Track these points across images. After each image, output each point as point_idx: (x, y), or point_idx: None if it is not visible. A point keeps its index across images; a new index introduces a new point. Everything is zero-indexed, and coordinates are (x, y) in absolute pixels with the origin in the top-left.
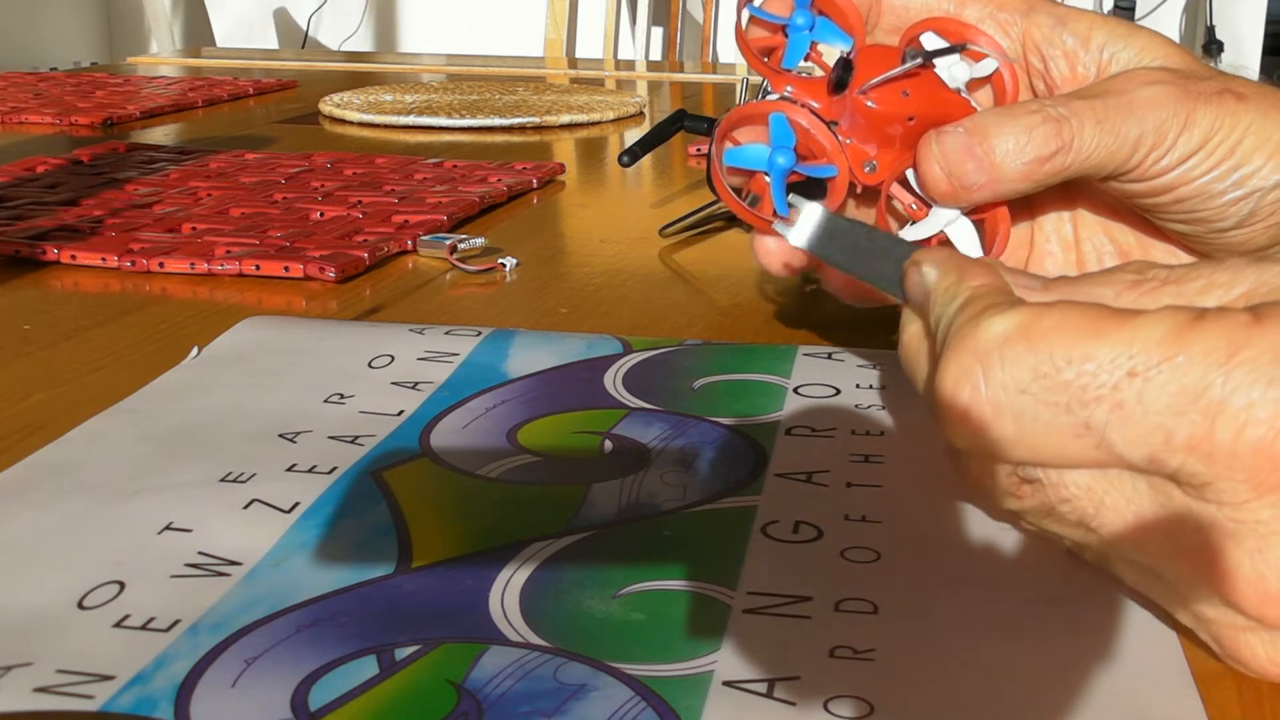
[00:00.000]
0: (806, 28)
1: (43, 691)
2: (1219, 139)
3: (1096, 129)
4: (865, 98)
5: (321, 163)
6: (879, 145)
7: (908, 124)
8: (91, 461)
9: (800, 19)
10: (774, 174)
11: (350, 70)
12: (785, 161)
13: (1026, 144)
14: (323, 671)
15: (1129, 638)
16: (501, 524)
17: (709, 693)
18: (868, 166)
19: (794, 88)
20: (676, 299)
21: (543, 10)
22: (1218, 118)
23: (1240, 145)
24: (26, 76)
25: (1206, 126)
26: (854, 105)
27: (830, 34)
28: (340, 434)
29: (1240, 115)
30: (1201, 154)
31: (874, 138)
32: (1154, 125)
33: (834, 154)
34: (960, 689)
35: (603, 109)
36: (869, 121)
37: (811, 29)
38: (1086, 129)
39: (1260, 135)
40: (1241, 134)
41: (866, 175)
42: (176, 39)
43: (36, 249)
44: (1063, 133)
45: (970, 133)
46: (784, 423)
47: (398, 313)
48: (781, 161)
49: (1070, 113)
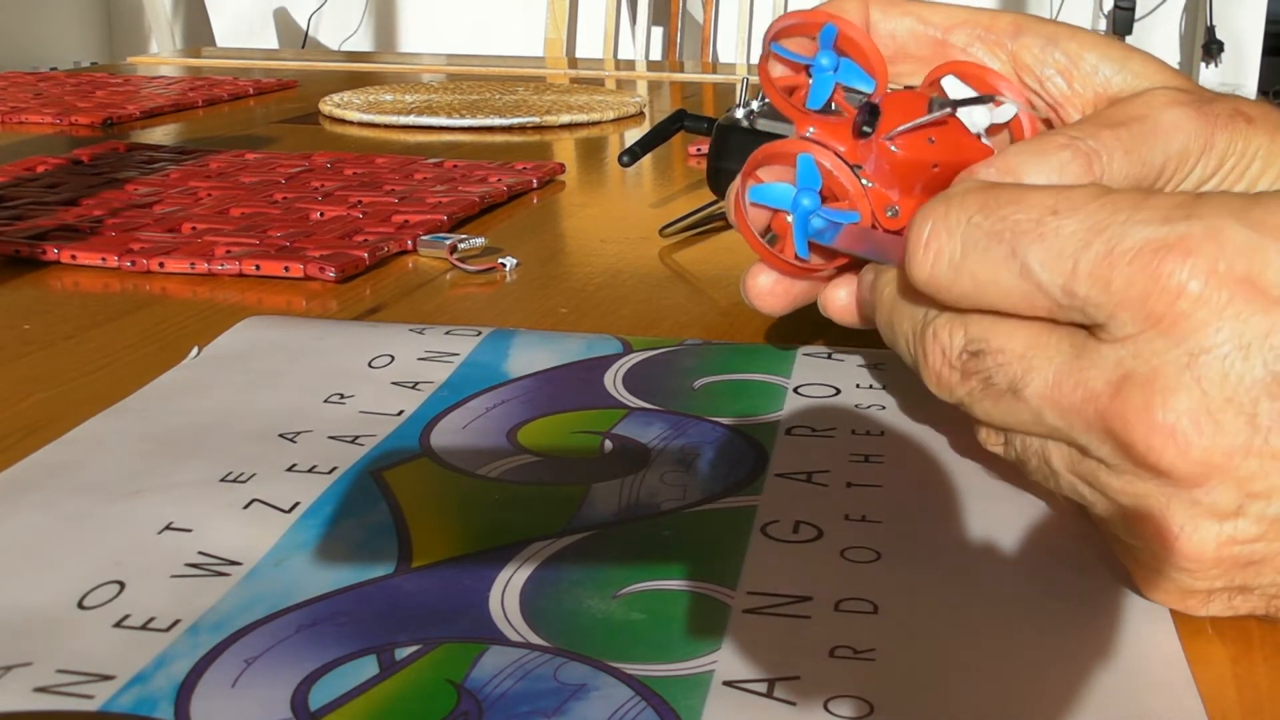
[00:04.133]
0: (831, 69)
1: (43, 691)
2: (1232, 163)
3: (1125, 159)
4: (891, 144)
5: (321, 163)
6: (901, 191)
7: (932, 171)
8: (91, 461)
9: (825, 60)
10: (797, 215)
11: (350, 70)
12: (810, 204)
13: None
14: (323, 671)
15: (1129, 637)
16: (501, 524)
17: (709, 693)
18: (890, 211)
19: (817, 129)
20: (676, 299)
21: (543, 10)
22: (1232, 141)
23: (1250, 170)
24: (26, 76)
25: (1222, 150)
26: (879, 151)
27: (854, 76)
28: (340, 434)
29: (1251, 138)
30: (1216, 179)
31: (897, 183)
32: (1178, 150)
33: (857, 198)
34: (960, 689)
35: (603, 109)
36: (893, 168)
37: (836, 70)
38: (1116, 161)
39: (1267, 159)
40: (1251, 158)
41: (889, 220)
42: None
43: (36, 249)
44: (1094, 168)
45: (1002, 174)
46: (784, 423)
47: (398, 313)
48: (806, 204)
49: (1100, 145)
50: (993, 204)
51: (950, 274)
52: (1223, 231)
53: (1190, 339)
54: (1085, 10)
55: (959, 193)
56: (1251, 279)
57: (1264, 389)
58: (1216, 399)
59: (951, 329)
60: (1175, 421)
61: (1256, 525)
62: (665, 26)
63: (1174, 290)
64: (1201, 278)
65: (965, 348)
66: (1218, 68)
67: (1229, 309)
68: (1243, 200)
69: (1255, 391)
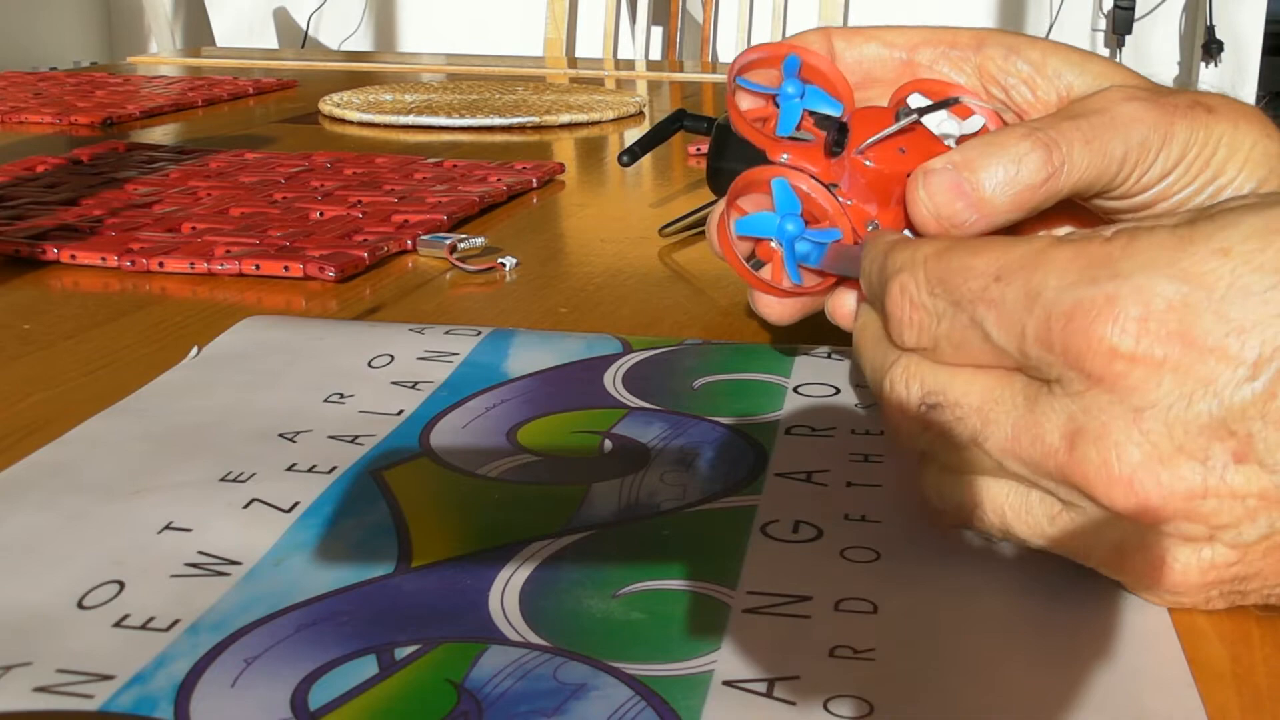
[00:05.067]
0: (797, 95)
1: (43, 691)
2: (1195, 153)
3: (1085, 149)
4: (863, 157)
5: (321, 162)
6: (879, 204)
7: (906, 180)
8: (91, 461)
9: (791, 88)
10: (784, 241)
11: (350, 70)
12: (794, 229)
13: (1017, 173)
14: (323, 671)
15: (1129, 637)
16: (501, 524)
17: (709, 692)
18: (870, 226)
19: (790, 154)
20: (676, 299)
21: (543, 10)
22: (1193, 131)
23: (1214, 158)
24: (26, 76)
25: (1183, 140)
26: (852, 166)
27: (821, 101)
28: (340, 433)
29: (1213, 127)
30: (1180, 168)
31: (874, 197)
32: (1138, 141)
33: (836, 217)
34: (960, 689)
35: (602, 109)
36: (868, 181)
37: (802, 97)
38: (1076, 150)
39: (1231, 147)
40: (1215, 146)
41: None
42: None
43: (36, 249)
44: (1053, 158)
45: (958, 167)
46: (784, 422)
47: (398, 312)
48: (790, 228)
49: (1060, 135)
50: (945, 273)
51: (930, 341)
52: (1149, 288)
53: (1132, 396)
54: (1085, 10)
55: (919, 261)
56: (1183, 333)
57: (1212, 434)
58: (1167, 449)
59: (909, 380)
60: (1132, 474)
61: (1232, 551)
62: (665, 26)
63: (1106, 353)
64: (1132, 337)
65: (923, 400)
66: (1218, 68)
67: (1166, 364)
68: (1174, 242)
69: (1204, 438)
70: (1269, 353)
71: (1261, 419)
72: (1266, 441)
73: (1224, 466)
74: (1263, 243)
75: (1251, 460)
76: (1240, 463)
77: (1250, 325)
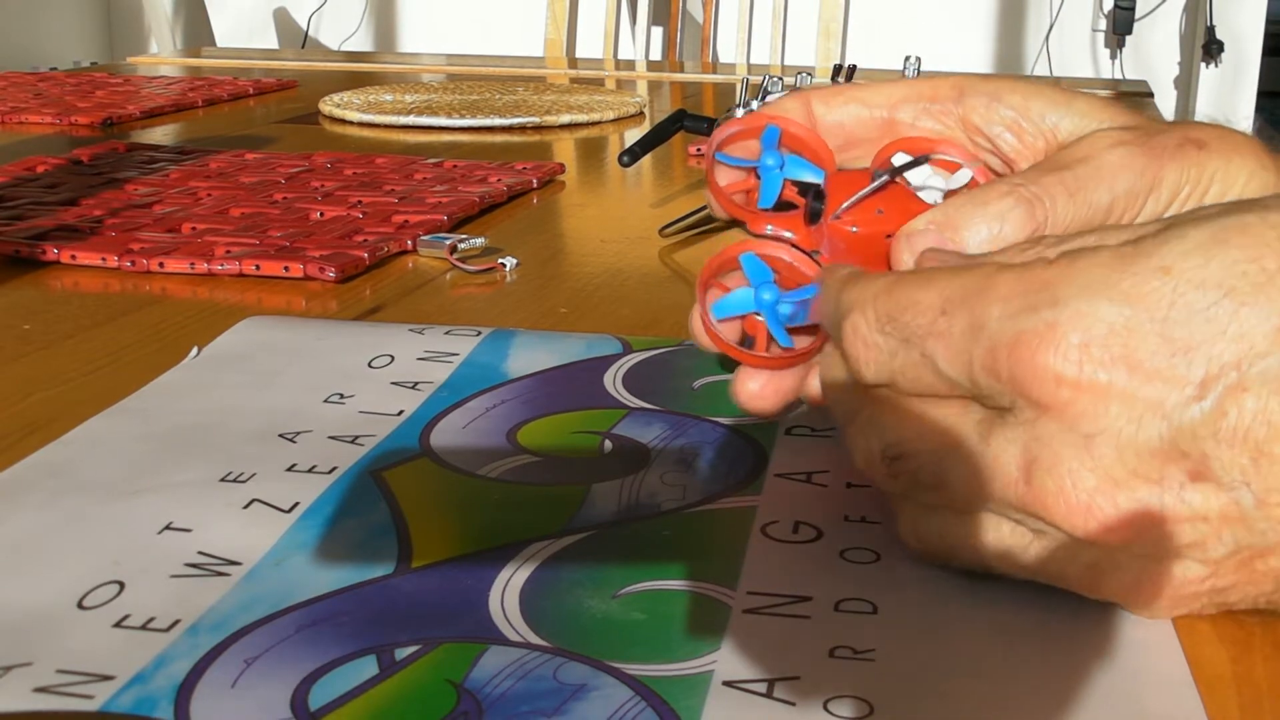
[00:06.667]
0: (777, 166)
1: (43, 691)
2: (1187, 192)
3: (1069, 202)
4: (840, 222)
5: (321, 163)
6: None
7: (887, 241)
8: (91, 461)
9: (770, 160)
10: (765, 310)
11: (350, 70)
12: (771, 296)
13: (1000, 231)
14: (323, 671)
15: (1129, 638)
16: (501, 524)
17: (709, 693)
18: None
19: (774, 225)
20: (676, 299)
21: (543, 10)
22: (1183, 171)
23: (1207, 195)
24: (26, 76)
25: (1174, 183)
26: (831, 231)
27: (801, 169)
28: (340, 434)
29: (1205, 165)
30: (1174, 208)
31: (856, 259)
32: (1124, 189)
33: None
34: (960, 689)
35: (603, 109)
36: (848, 245)
37: (782, 167)
38: (1059, 204)
39: (1225, 183)
40: (1208, 184)
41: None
42: (177, 39)
43: (36, 249)
44: (1036, 214)
45: (941, 227)
46: (784, 423)
47: (398, 313)
48: (768, 297)
49: (1043, 190)
50: (894, 310)
51: (888, 377)
52: (1090, 313)
53: (1080, 423)
54: (1085, 10)
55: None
56: (1127, 357)
57: (1165, 456)
58: (1120, 474)
59: (869, 434)
60: (1089, 500)
61: (1203, 567)
62: (665, 26)
63: (1051, 380)
64: (1074, 364)
65: (884, 453)
66: (1218, 68)
67: (1112, 389)
68: (1116, 262)
69: (1157, 460)
70: (1215, 370)
71: (1214, 438)
72: (1221, 460)
73: (1180, 487)
74: (1204, 257)
75: (1209, 479)
76: (1197, 482)
77: (1195, 344)
